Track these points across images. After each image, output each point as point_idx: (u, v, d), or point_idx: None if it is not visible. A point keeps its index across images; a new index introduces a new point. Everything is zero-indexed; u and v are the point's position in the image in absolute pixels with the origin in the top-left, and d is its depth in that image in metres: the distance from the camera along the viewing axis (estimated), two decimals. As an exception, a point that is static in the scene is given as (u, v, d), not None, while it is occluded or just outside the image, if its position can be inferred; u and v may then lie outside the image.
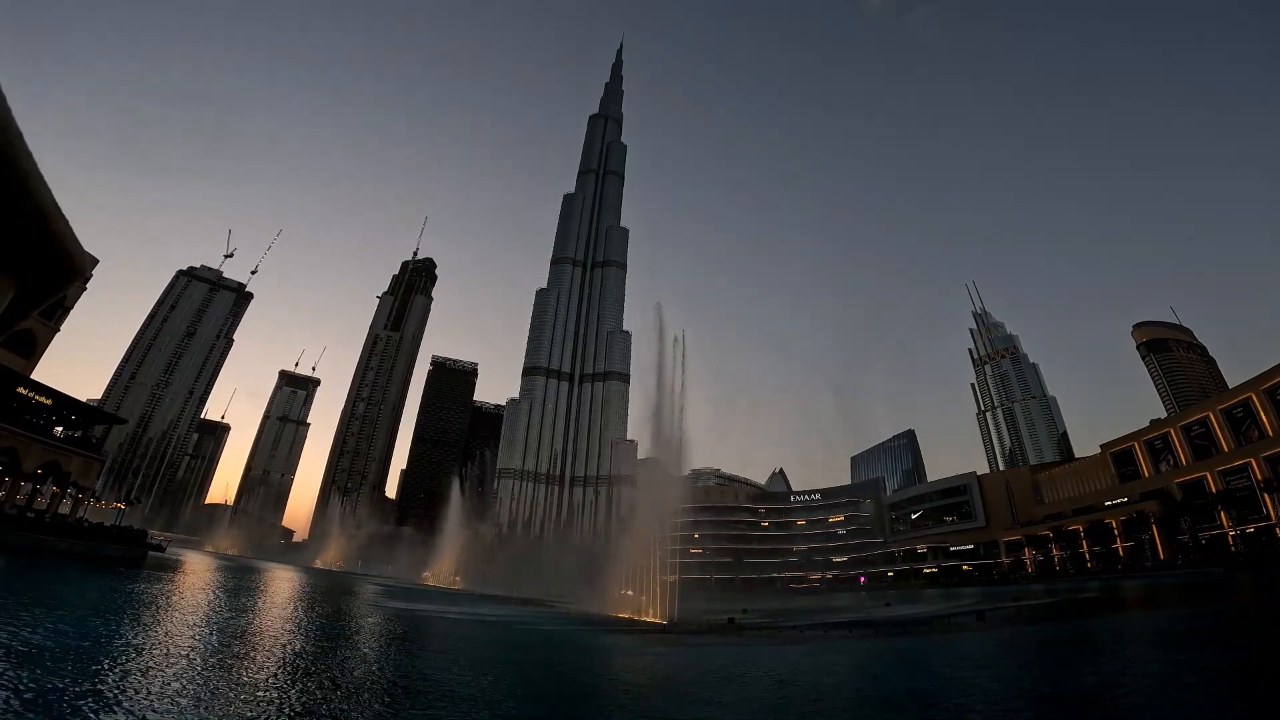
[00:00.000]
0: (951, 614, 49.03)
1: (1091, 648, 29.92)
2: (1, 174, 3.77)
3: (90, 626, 23.83)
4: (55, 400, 68.67)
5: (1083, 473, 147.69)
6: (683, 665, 28.66)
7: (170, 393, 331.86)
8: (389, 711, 15.71)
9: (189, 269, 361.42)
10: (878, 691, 21.36)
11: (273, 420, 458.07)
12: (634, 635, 41.33)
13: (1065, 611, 49.73)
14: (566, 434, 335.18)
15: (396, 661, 25.39)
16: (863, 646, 35.28)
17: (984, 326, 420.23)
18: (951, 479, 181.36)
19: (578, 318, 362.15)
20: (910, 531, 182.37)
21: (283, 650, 24.33)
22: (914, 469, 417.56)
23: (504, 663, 27.30)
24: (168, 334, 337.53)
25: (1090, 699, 17.31)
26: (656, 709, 18.23)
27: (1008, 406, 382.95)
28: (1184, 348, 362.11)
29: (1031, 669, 25.57)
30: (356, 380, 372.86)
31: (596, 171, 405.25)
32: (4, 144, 3.57)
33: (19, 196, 4.01)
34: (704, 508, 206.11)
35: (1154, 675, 20.51)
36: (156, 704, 13.79)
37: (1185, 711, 15.37)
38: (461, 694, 18.58)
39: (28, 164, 3.87)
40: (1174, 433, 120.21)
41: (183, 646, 22.45)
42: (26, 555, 49.93)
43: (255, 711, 14.12)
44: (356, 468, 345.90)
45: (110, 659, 18.69)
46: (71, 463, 68.29)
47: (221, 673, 18.64)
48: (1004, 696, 18.50)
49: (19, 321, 5.00)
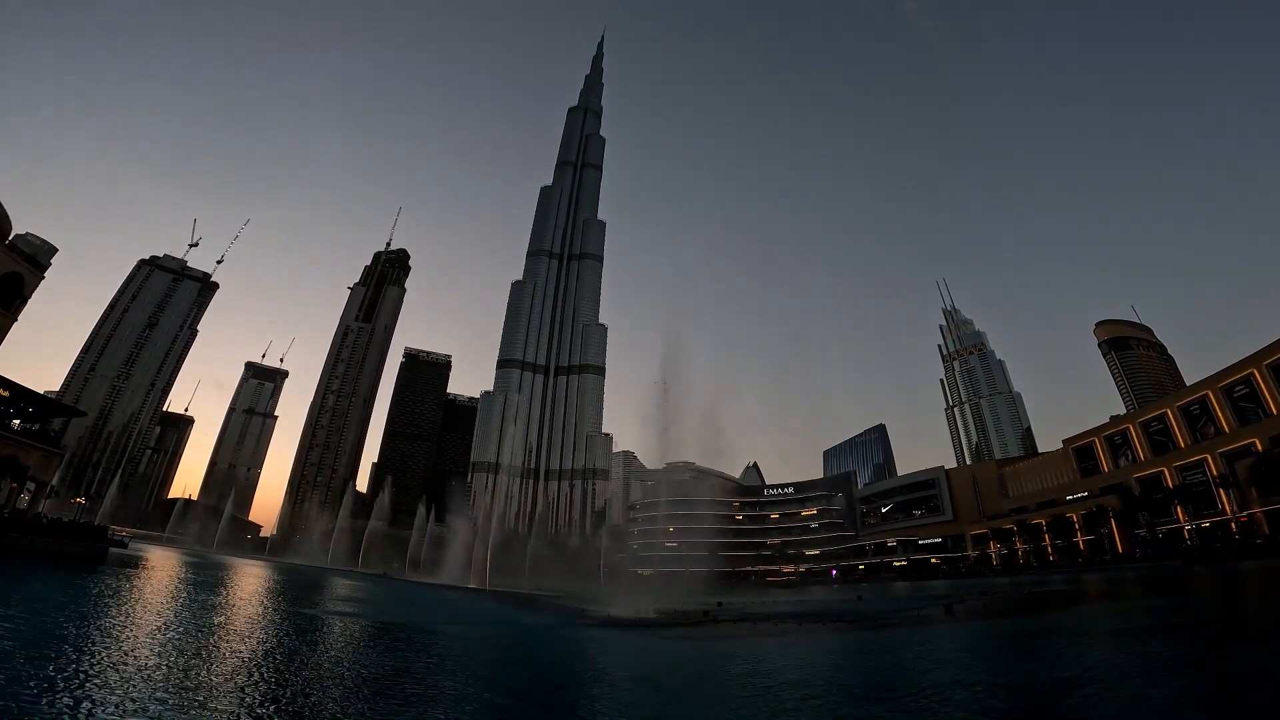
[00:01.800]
0: (921, 607, 50.10)
1: (1055, 640, 30.91)
2: None
3: (54, 626, 23.07)
4: (12, 392, 66.09)
5: (1045, 467, 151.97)
6: (669, 657, 28.83)
7: (131, 385, 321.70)
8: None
9: (151, 258, 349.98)
10: (850, 682, 21.80)
11: (239, 413, 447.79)
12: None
13: (1030, 605, 51.20)
14: (541, 427, 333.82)
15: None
16: (836, 639, 35.95)
17: (953, 323, 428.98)
18: (920, 473, 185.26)
19: (553, 310, 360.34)
20: (881, 525, 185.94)
21: (251, 650, 23.85)
22: (884, 463, 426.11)
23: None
24: (129, 325, 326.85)
25: (1053, 689, 17.88)
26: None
27: (975, 402, 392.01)
28: (1144, 346, 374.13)
29: (998, 660, 26.35)
30: (326, 372, 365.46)
31: (575, 164, 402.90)
32: None
33: None
34: (678, 500, 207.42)
35: (1114, 666, 21.24)
36: (127, 703, 13.42)
37: (1142, 701, 15.96)
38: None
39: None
40: (1133, 429, 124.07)
41: (150, 646, 21.85)
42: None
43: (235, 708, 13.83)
44: (326, 461, 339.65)
45: (76, 659, 18.12)
46: (30, 457, 65.75)
47: (190, 672, 18.20)
48: (971, 687, 19.01)
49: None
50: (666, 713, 17.47)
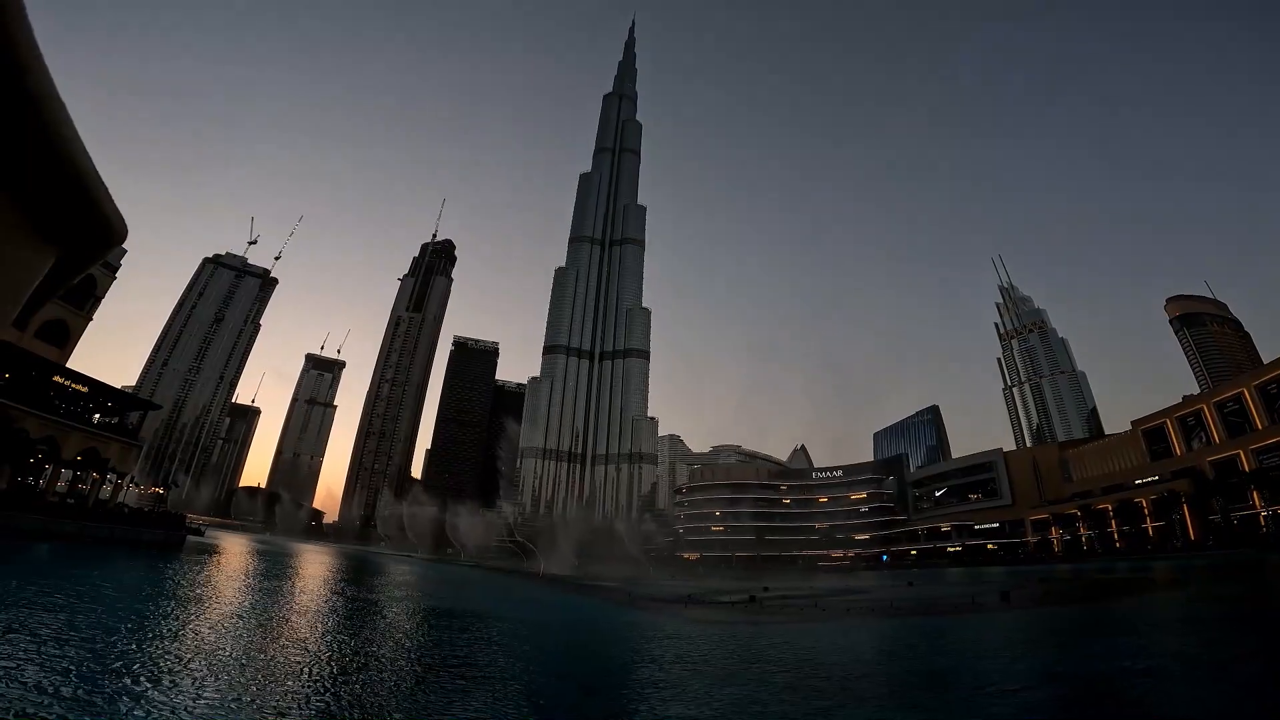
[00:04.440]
0: (975, 594, 48.91)
1: (1118, 629, 29.82)
2: (43, 142, 4.00)
3: (145, 611, 25.00)
4: (91, 388, 69.70)
5: (1113, 450, 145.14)
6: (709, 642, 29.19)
7: (202, 378, 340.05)
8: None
9: (215, 256, 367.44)
10: (896, 670, 21.63)
11: (301, 403, 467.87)
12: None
13: (1093, 593, 49.40)
14: (588, 412, 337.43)
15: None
16: (884, 625, 35.53)
17: (1010, 300, 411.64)
18: (977, 456, 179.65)
19: (597, 295, 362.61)
20: (934, 509, 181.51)
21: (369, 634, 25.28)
22: (938, 446, 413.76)
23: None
24: (197, 320, 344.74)
25: (1113, 680, 17.36)
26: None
27: (1035, 382, 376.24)
28: (1218, 322, 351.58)
29: (1055, 650, 25.63)
30: (380, 362, 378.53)
31: (612, 150, 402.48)
32: (47, 113, 3.79)
33: (60, 164, 4.24)
34: (724, 484, 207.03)
35: (1179, 657, 20.46)
36: (242, 682, 14.54)
37: (1206, 693, 15.38)
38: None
39: (68, 131, 4.08)
40: (1207, 409, 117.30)
41: (235, 627, 23.45)
42: (69, 542, 51.49)
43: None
44: (383, 449, 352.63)
45: (171, 641, 19.64)
46: (110, 449, 69.65)
47: (263, 651, 19.49)
48: (1022, 676, 18.63)
49: (63, 287, 5.33)
50: (714, 693, 17.74)
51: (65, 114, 4.01)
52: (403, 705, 14.95)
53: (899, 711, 16.12)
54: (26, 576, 31.94)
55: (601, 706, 16.66)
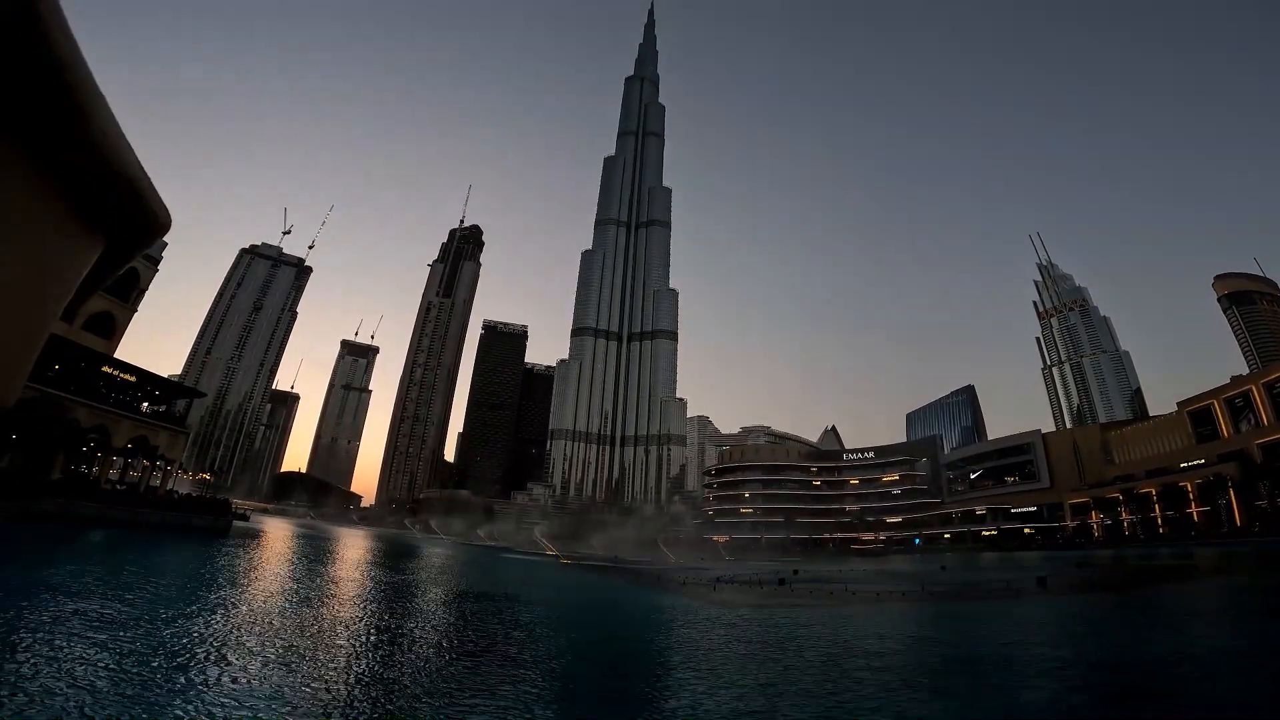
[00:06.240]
0: (1010, 579, 48.12)
1: (1158, 616, 29.11)
2: (87, 133, 4.16)
3: (201, 594, 26.18)
4: (139, 377, 71.92)
5: (1157, 432, 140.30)
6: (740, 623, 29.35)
7: (243, 366, 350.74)
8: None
9: (251, 247, 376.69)
10: (927, 655, 21.48)
11: (337, 389, 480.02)
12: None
13: (1134, 579, 48.19)
14: (616, 393, 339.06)
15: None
16: (917, 609, 35.20)
17: (1049, 278, 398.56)
18: (1014, 437, 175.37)
19: (624, 277, 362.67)
20: (969, 492, 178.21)
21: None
22: (973, 426, 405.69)
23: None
24: (237, 310, 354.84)
25: (1149, 667, 17.01)
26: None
27: (1076, 361, 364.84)
28: (1269, 300, 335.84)
29: (1092, 636, 25.15)
30: (413, 347, 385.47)
31: (636, 133, 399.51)
32: (86, 104, 3.94)
33: (104, 155, 4.41)
34: (754, 466, 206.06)
35: (1217, 647, 19.91)
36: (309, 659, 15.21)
37: (1244, 685, 14.96)
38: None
39: (110, 124, 4.24)
40: (1256, 390, 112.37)
41: (291, 606, 24.44)
42: (122, 528, 53.67)
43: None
44: (416, 432, 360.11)
45: (228, 622, 20.57)
46: (159, 437, 72.36)
47: (308, 631, 20.28)
48: (1057, 664, 18.33)
49: (109, 278, 5.57)
50: (747, 678, 17.87)
51: (107, 107, 4.15)
52: (466, 684, 15.42)
53: (931, 697, 16.02)
54: (87, 560, 33.71)
55: (628, 690, 16.94)
